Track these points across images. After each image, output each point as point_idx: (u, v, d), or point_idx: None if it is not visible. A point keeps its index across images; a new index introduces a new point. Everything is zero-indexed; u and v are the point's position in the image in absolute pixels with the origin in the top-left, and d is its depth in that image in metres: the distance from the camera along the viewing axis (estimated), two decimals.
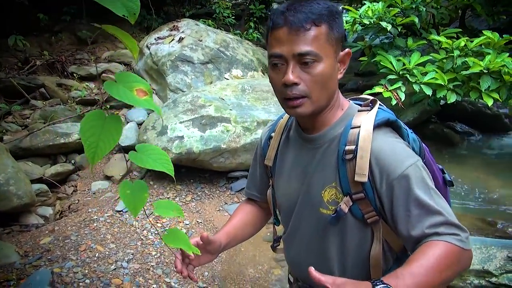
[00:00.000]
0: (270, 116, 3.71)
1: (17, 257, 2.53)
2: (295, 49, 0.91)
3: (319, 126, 1.04)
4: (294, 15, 0.91)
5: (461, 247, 0.87)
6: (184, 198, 3.41)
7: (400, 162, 0.92)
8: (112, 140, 0.69)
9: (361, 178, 0.94)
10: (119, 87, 0.71)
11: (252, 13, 7.74)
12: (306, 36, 0.91)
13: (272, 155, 1.19)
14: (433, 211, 0.89)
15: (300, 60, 0.92)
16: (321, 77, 0.94)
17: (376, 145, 0.94)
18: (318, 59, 0.92)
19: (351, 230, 1.00)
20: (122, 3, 0.64)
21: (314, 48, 0.91)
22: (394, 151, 0.94)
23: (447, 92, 3.45)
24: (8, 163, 3.06)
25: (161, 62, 4.93)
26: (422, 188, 0.91)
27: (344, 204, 0.98)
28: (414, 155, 0.96)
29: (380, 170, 0.93)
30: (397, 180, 0.91)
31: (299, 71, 0.93)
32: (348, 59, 1.02)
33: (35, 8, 5.73)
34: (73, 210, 3.25)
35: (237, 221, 1.29)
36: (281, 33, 0.93)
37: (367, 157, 0.93)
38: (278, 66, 0.96)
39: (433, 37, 3.75)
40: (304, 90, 0.94)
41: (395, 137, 0.99)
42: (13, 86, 4.58)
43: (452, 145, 4.64)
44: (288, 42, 0.92)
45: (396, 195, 0.92)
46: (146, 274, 2.51)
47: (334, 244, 1.03)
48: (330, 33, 0.94)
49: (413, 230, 0.90)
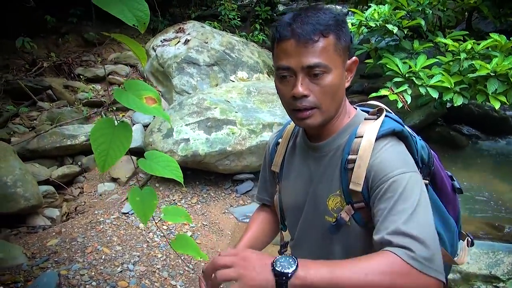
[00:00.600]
0: (275, 118, 3.71)
1: (25, 258, 2.55)
2: (304, 62, 0.91)
3: (326, 134, 1.04)
4: (302, 27, 0.90)
5: (409, 263, 0.77)
6: (190, 201, 3.42)
7: (393, 168, 0.90)
8: (122, 148, 0.70)
9: (355, 187, 0.93)
10: (128, 95, 0.72)
11: (258, 15, 7.75)
12: (314, 48, 0.90)
13: (279, 161, 1.19)
14: (403, 221, 0.82)
15: (309, 72, 0.92)
16: (331, 88, 0.93)
17: (375, 154, 0.93)
18: (327, 71, 0.92)
19: (355, 238, 0.99)
20: (132, 13, 0.65)
21: (323, 60, 0.91)
22: (391, 159, 0.92)
23: (453, 95, 3.43)
24: (16, 165, 3.08)
25: (167, 64, 4.95)
26: (406, 198, 0.85)
27: (345, 212, 0.98)
28: (412, 166, 0.93)
29: (373, 176, 0.92)
30: (385, 183, 0.89)
31: (308, 83, 0.92)
32: (355, 67, 1.01)
33: (42, 10, 5.78)
34: (80, 212, 3.27)
35: (256, 228, 1.29)
36: (288, 45, 0.92)
37: (364, 167, 0.93)
38: (286, 78, 0.95)
39: (440, 39, 3.73)
40: (314, 102, 0.94)
41: (398, 146, 0.96)
42: (21, 88, 4.62)
43: (458, 148, 4.61)
44: (296, 54, 0.91)
45: (379, 197, 0.89)
46: (152, 276, 2.52)
47: (339, 251, 1.03)
48: (338, 43, 0.93)
49: (377, 234, 0.85)
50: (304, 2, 13.75)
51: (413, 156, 0.99)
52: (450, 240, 1.13)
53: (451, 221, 1.13)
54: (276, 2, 8.51)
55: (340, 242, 1.02)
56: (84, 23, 6.62)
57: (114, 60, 5.94)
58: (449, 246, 1.12)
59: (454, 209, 1.18)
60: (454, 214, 1.17)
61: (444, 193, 1.13)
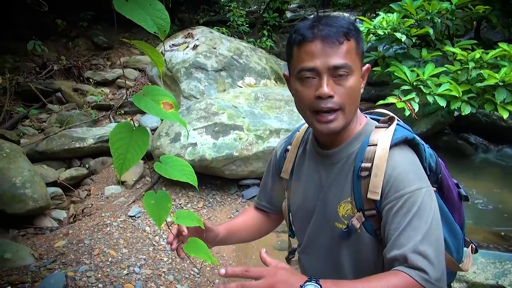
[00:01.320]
0: (282, 124, 3.73)
1: (32, 259, 2.57)
2: (330, 62, 0.92)
3: (337, 141, 1.05)
4: (327, 29, 0.93)
5: (422, 285, 0.83)
6: (196, 205, 3.44)
7: (409, 183, 0.92)
8: (139, 151, 0.72)
9: (373, 196, 0.95)
10: (147, 101, 0.74)
11: (266, 21, 7.80)
12: (340, 49, 0.93)
13: (288, 168, 1.19)
14: (419, 240, 0.87)
15: (334, 73, 0.93)
16: (353, 90, 0.96)
17: (391, 164, 0.95)
18: (350, 72, 0.94)
19: (365, 246, 1.00)
20: (153, 20, 0.67)
21: (348, 61, 0.93)
22: (407, 172, 0.94)
23: (461, 104, 3.42)
24: (25, 166, 3.12)
25: (176, 69, 4.99)
26: (422, 215, 0.89)
27: (356, 219, 0.99)
28: (426, 180, 0.96)
29: (389, 188, 0.93)
30: (401, 198, 0.91)
31: (332, 84, 0.94)
32: (367, 74, 1.03)
33: (53, 14, 5.85)
34: (87, 214, 3.29)
35: (241, 221, 1.31)
36: (313, 46, 0.93)
37: (381, 176, 0.94)
38: (309, 79, 0.96)
39: (448, 48, 3.74)
40: (339, 103, 0.95)
41: (411, 156, 0.99)
42: (31, 90, 4.68)
43: (465, 157, 4.59)
44: (322, 55, 0.93)
45: (394, 212, 0.91)
46: (157, 280, 2.53)
47: (349, 259, 1.04)
48: (358, 47, 0.96)
49: (392, 250, 0.89)
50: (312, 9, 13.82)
51: (422, 163, 1.00)
52: (456, 246, 1.14)
53: (457, 228, 1.14)
54: (284, 9, 8.55)
55: (349, 248, 1.03)
56: (94, 27, 6.70)
57: (123, 64, 6.00)
58: (455, 253, 1.13)
59: (460, 216, 1.19)
60: (460, 221, 1.18)
61: (451, 200, 1.14)
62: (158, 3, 0.68)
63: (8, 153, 3.10)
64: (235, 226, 1.28)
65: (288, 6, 9.69)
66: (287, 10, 10.06)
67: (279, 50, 7.90)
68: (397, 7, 3.95)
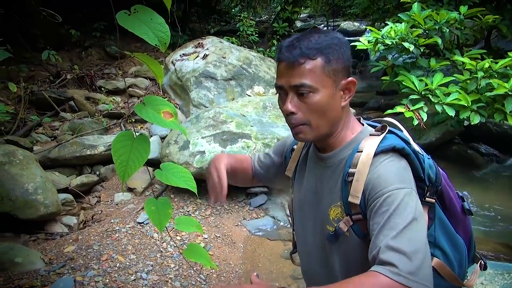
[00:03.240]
0: (290, 133, 3.74)
1: (42, 264, 2.62)
2: (291, 81, 1.00)
3: (330, 147, 1.09)
4: (290, 51, 1.00)
5: (393, 279, 0.81)
6: (204, 212, 3.46)
7: (389, 183, 0.93)
8: (141, 159, 0.75)
9: (353, 200, 0.98)
10: (148, 110, 0.78)
11: (276, 31, 7.88)
12: (300, 69, 0.99)
13: (292, 167, 1.26)
14: (393, 235, 0.86)
15: (297, 91, 1.00)
16: (317, 106, 1.00)
17: (373, 169, 0.97)
18: (313, 90, 0.99)
19: (354, 249, 1.03)
20: (155, 34, 0.71)
21: (308, 81, 0.98)
22: (388, 175, 0.95)
23: (470, 113, 3.41)
24: (37, 173, 3.19)
25: (185, 78, 5.06)
26: (400, 213, 0.89)
27: (343, 223, 1.02)
28: (409, 183, 0.95)
29: (369, 190, 0.95)
30: (380, 198, 0.92)
31: (296, 101, 1.01)
32: (354, 87, 1.05)
33: (68, 25, 6.01)
34: (96, 220, 3.34)
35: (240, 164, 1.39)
36: (281, 66, 1.03)
37: (362, 180, 0.97)
38: (281, 96, 1.05)
39: (457, 58, 3.73)
40: (301, 119, 1.02)
41: (397, 163, 0.98)
42: (45, 98, 4.79)
43: (475, 167, 4.54)
44: (286, 75, 1.01)
45: (373, 212, 0.92)
46: (164, 286, 2.55)
47: (339, 261, 1.07)
48: (327, 65, 0.99)
49: (371, 250, 0.89)
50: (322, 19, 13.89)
51: (418, 174, 1.01)
52: (458, 260, 1.12)
53: (460, 241, 1.13)
54: (294, 18, 8.63)
55: (339, 251, 1.06)
56: (106, 37, 6.85)
57: (134, 73, 6.11)
58: (457, 267, 1.12)
59: (466, 230, 1.18)
60: (466, 235, 1.17)
61: (453, 213, 1.14)
62: (159, 17, 0.71)
63: (21, 160, 3.18)
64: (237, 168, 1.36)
65: (298, 16, 9.77)
66: (297, 19, 10.14)
67: None
68: (405, 17, 3.97)
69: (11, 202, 2.95)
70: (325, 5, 12.56)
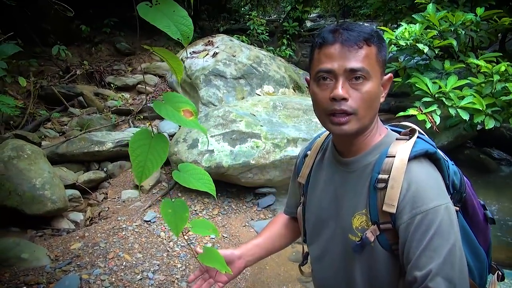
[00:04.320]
0: (300, 134, 3.70)
1: (48, 260, 2.60)
2: (347, 65, 0.93)
3: (356, 150, 1.03)
4: (348, 32, 0.94)
5: None
6: (211, 212, 3.43)
7: (428, 199, 0.89)
8: (159, 160, 0.71)
9: (389, 209, 0.92)
10: (167, 108, 0.73)
11: (286, 30, 7.82)
12: (358, 53, 0.93)
13: (305, 173, 1.19)
14: (441, 261, 0.85)
15: (351, 76, 0.93)
16: (369, 95, 0.95)
17: (408, 177, 0.92)
18: (367, 77, 0.94)
19: (379, 260, 0.97)
20: (177, 27, 0.66)
21: (365, 66, 0.93)
22: (425, 186, 0.91)
23: (485, 117, 3.34)
24: (45, 168, 3.17)
25: (195, 75, 5.03)
26: (442, 234, 0.87)
27: (370, 232, 0.96)
28: (445, 196, 0.92)
29: (406, 203, 0.91)
30: (420, 215, 0.88)
31: (348, 87, 0.94)
32: (389, 84, 1.02)
33: (79, 20, 6.00)
34: (103, 217, 3.32)
35: (269, 232, 1.32)
36: (332, 49, 0.94)
37: (398, 188, 0.91)
38: (326, 81, 0.96)
39: (472, 60, 3.66)
40: (352, 106, 0.94)
41: (431, 170, 0.95)
42: (54, 93, 4.78)
43: (488, 172, 4.47)
44: (340, 57, 0.93)
45: (412, 230, 0.89)
46: (170, 286, 2.52)
47: (361, 272, 1.01)
48: (379, 54, 0.96)
49: (413, 272, 0.88)
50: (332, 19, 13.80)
51: (444, 180, 0.97)
52: (479, 271, 1.08)
53: (481, 251, 1.09)
54: (304, 18, 8.56)
55: (362, 262, 1.00)
56: (116, 34, 6.83)
57: (143, 70, 6.09)
58: (478, 277, 1.08)
59: (485, 239, 1.14)
60: (485, 244, 1.13)
61: (475, 221, 1.09)
62: (182, 9, 0.67)
63: (29, 155, 3.16)
64: (262, 239, 1.29)
65: (308, 15, 9.70)
66: (307, 19, 10.07)
67: (298, 59, 7.90)
68: (419, 18, 3.90)
69: (19, 197, 2.93)
70: (336, 5, 12.47)
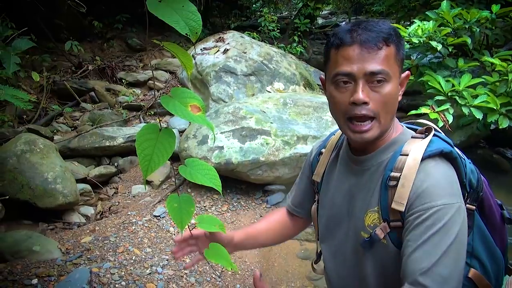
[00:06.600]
0: (310, 131, 3.68)
1: (59, 253, 2.63)
2: (367, 68, 0.90)
3: (371, 148, 1.02)
4: (366, 33, 0.90)
5: None
6: (220, 208, 3.44)
7: (439, 196, 0.87)
8: (165, 153, 0.71)
9: (398, 207, 0.91)
10: (175, 103, 0.74)
11: (297, 27, 7.78)
12: (378, 55, 0.90)
13: (320, 171, 1.18)
14: (436, 260, 0.84)
15: (371, 79, 0.91)
16: (390, 97, 0.92)
17: (421, 176, 0.90)
18: (388, 79, 0.91)
19: (390, 258, 0.96)
20: (186, 22, 0.66)
21: (386, 67, 0.90)
22: (437, 185, 0.89)
23: (499, 116, 3.29)
24: (57, 162, 3.21)
25: (205, 72, 5.04)
26: (446, 232, 0.85)
27: (380, 229, 0.95)
28: (459, 196, 0.90)
29: (415, 199, 0.89)
30: (428, 211, 0.87)
31: (368, 90, 0.91)
32: (406, 82, 1.00)
33: (91, 16, 6.05)
34: (113, 212, 3.35)
35: (263, 225, 1.31)
36: (350, 51, 0.91)
37: (408, 186, 0.90)
38: (345, 85, 0.93)
39: (486, 58, 3.60)
40: (373, 110, 0.92)
41: (446, 169, 0.93)
42: (66, 88, 4.84)
43: (501, 172, 4.40)
44: (359, 60, 0.90)
45: (417, 223, 0.87)
46: (179, 281, 2.54)
47: (373, 270, 1.00)
48: (398, 53, 0.93)
49: (409, 264, 0.87)
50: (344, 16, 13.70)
51: (461, 179, 0.95)
52: (496, 272, 1.06)
53: (498, 252, 1.06)
54: (316, 15, 8.51)
55: (373, 259, 0.99)
56: (128, 30, 6.88)
57: (154, 66, 6.12)
58: (494, 279, 1.06)
59: (502, 239, 1.11)
60: (502, 245, 1.10)
61: (492, 221, 1.07)
62: (191, 5, 0.67)
63: (41, 149, 3.21)
64: (255, 230, 1.28)
65: (320, 12, 9.64)
66: (318, 16, 10.01)
67: (309, 56, 7.86)
68: (433, 15, 3.84)
69: (31, 190, 2.97)
70: (348, 2, 12.37)
